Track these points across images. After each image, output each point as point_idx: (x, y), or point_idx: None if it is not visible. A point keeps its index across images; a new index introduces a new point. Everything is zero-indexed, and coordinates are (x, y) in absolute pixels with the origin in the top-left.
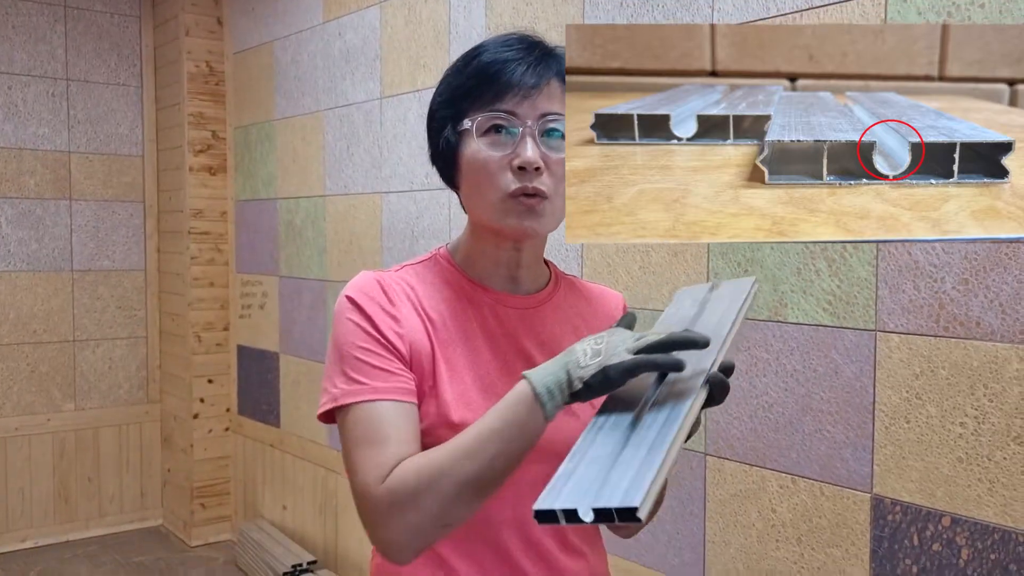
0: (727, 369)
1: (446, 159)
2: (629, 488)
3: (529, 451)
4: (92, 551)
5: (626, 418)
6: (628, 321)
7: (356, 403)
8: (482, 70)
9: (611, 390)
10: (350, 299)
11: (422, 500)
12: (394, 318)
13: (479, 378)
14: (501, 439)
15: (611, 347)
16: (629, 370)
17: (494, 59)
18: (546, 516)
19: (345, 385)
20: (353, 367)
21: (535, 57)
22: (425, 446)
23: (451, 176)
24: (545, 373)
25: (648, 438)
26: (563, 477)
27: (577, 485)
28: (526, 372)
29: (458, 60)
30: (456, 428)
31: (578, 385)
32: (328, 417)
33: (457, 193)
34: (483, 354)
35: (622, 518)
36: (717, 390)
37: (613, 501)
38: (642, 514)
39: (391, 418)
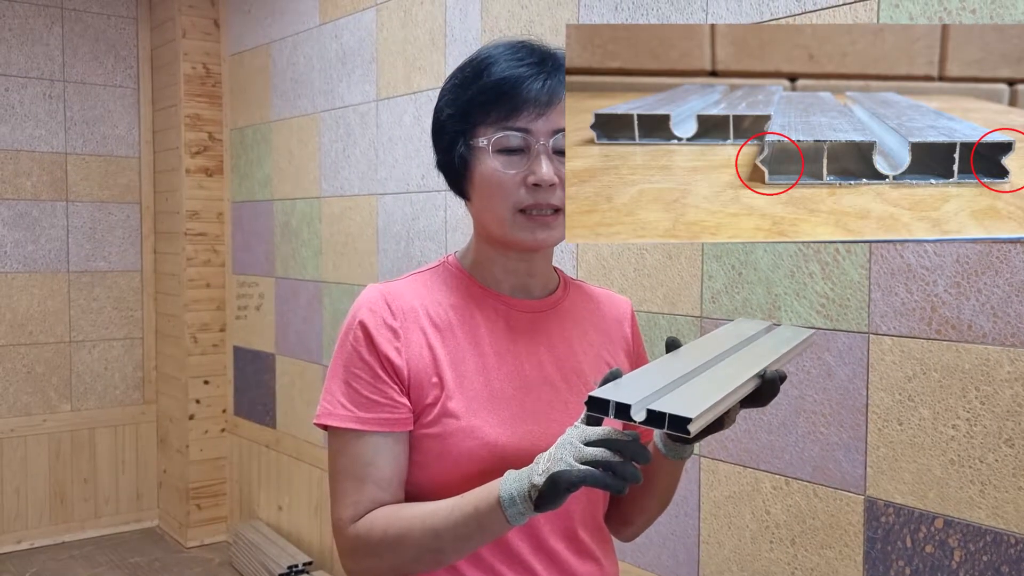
0: (781, 378)
1: (459, 172)
2: (687, 403)
3: (491, 542)
4: (88, 552)
5: (702, 357)
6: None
7: (343, 428)
8: (496, 86)
9: (561, 499)
10: (354, 319)
11: (383, 554)
12: (395, 332)
13: (488, 383)
14: (466, 530)
15: (559, 451)
16: (575, 484)
17: (508, 74)
18: (598, 405)
19: (331, 406)
20: (344, 391)
21: (547, 72)
22: (437, 452)
23: (462, 187)
24: (513, 479)
25: (716, 378)
26: (627, 378)
27: (637, 387)
28: (504, 476)
29: (465, 69)
30: (465, 433)
31: (535, 494)
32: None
33: (466, 201)
34: (492, 360)
35: (672, 426)
36: (768, 387)
37: (669, 408)
38: (694, 427)
39: (372, 455)
